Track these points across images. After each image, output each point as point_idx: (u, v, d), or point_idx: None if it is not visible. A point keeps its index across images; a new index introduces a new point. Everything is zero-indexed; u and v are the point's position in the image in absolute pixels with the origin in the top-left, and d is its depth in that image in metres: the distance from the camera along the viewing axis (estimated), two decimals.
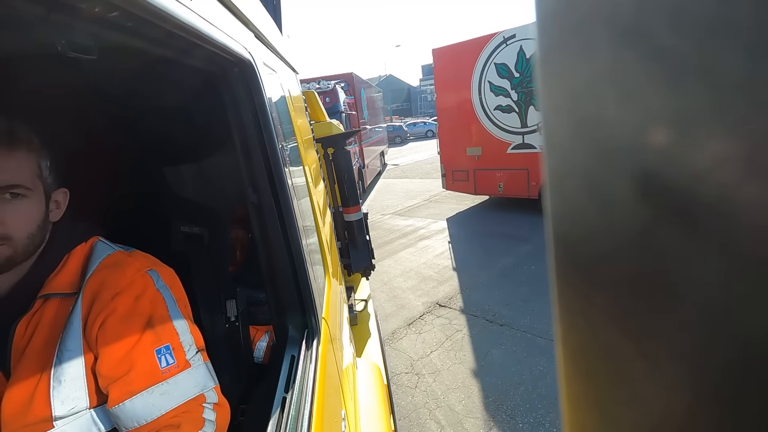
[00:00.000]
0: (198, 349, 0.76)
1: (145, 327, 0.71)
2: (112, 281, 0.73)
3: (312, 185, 1.42)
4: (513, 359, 2.73)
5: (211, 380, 0.75)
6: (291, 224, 0.95)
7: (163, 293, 0.76)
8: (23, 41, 0.63)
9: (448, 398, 2.43)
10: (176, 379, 0.70)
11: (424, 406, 2.40)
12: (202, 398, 0.72)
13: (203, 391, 0.72)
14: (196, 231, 1.32)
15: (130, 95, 1.06)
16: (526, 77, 5.91)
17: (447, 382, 2.60)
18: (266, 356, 1.38)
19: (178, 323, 0.74)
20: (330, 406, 0.97)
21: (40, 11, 0.41)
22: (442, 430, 2.17)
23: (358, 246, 2.36)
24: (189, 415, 0.69)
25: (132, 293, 0.72)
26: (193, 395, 0.71)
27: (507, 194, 6.49)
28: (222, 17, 0.73)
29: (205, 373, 0.75)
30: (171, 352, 0.71)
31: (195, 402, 0.71)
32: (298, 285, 0.98)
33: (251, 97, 0.88)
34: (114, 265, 0.76)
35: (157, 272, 0.78)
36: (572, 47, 0.14)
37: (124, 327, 0.69)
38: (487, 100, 6.32)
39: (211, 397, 0.74)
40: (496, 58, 6.08)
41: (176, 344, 0.72)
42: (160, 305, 0.74)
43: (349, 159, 2.33)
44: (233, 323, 1.27)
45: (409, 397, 2.48)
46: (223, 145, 1.25)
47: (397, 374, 2.74)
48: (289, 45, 1.76)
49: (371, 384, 1.58)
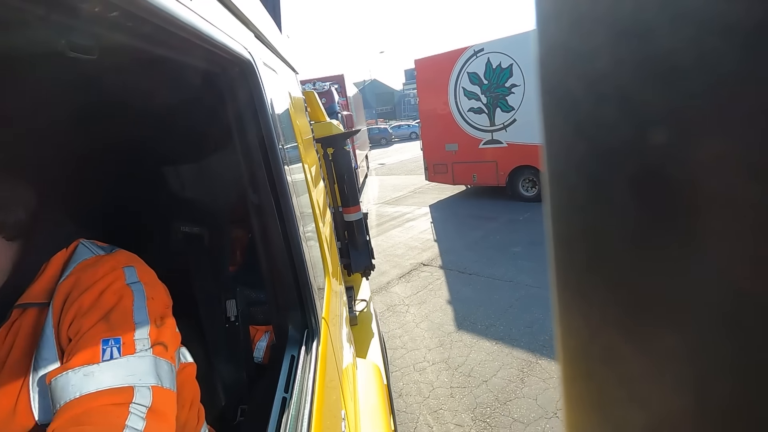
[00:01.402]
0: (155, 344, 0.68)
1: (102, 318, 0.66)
2: (84, 281, 0.70)
3: (312, 185, 1.42)
4: (477, 293, 3.85)
5: (152, 377, 0.64)
6: (291, 224, 0.95)
7: (134, 288, 0.71)
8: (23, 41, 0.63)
9: (430, 317, 3.52)
10: (109, 364, 0.61)
11: (413, 322, 3.48)
12: (128, 394, 0.60)
13: (135, 384, 0.61)
14: (196, 231, 1.32)
15: (130, 95, 1.06)
16: (493, 84, 7.02)
17: (429, 308, 3.68)
18: (266, 356, 1.38)
19: (141, 320, 0.68)
20: (330, 406, 0.97)
21: (40, 11, 0.41)
22: (426, 335, 3.25)
23: (358, 246, 2.36)
24: (104, 418, 0.57)
25: (99, 288, 0.69)
26: (118, 385, 0.60)
27: (480, 183, 7.77)
28: (222, 17, 0.73)
29: (148, 366, 0.64)
30: (120, 347, 0.63)
31: (118, 397, 0.59)
32: (298, 285, 0.98)
33: (251, 97, 0.88)
34: (88, 267, 0.73)
35: (134, 269, 0.75)
36: (572, 47, 0.14)
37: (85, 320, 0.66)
38: (462, 103, 7.48)
39: (144, 397, 0.61)
40: (468, 68, 7.26)
41: (128, 340, 0.65)
42: (125, 299, 0.69)
43: (350, 159, 2.33)
44: (233, 323, 1.27)
45: (402, 318, 3.57)
46: (223, 145, 1.25)
47: (392, 305, 3.81)
48: (289, 45, 1.76)
49: (371, 384, 1.58)
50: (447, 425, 2.26)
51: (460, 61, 7.33)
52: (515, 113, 6.97)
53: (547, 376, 2.56)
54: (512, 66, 6.82)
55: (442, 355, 2.93)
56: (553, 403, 2.29)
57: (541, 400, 2.35)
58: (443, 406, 2.43)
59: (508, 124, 7.08)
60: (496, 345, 2.96)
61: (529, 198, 7.16)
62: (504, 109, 7.06)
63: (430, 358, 2.92)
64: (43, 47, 0.59)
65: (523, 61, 6.67)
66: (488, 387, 2.53)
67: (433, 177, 8.31)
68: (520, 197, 7.25)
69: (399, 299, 3.91)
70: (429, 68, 7.84)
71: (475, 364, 2.77)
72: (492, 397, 2.41)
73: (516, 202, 7.14)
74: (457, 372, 2.72)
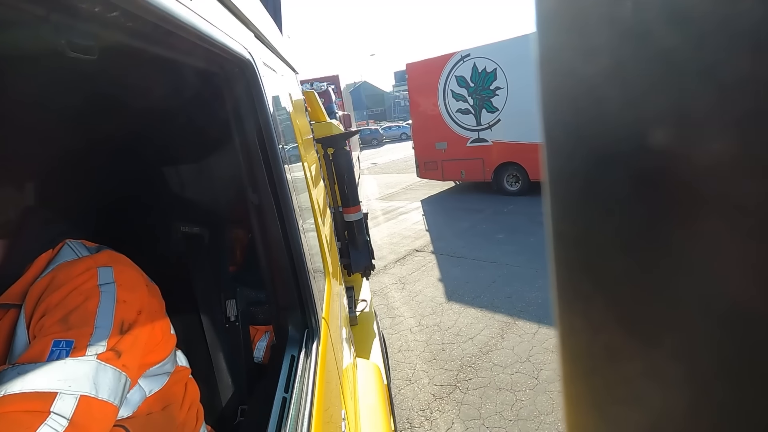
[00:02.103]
0: (109, 349, 0.63)
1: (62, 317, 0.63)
2: (57, 281, 0.69)
3: (312, 185, 1.42)
4: (465, 272, 4.40)
5: (86, 384, 0.59)
6: (291, 224, 0.95)
7: (103, 290, 0.69)
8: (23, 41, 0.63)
9: (424, 292, 4.08)
10: (48, 366, 0.57)
11: (409, 296, 4.04)
12: (47, 401, 0.54)
13: (60, 390, 0.56)
14: (196, 231, 1.32)
15: (129, 95, 1.06)
16: (479, 86, 7.62)
17: (423, 285, 4.24)
18: (266, 356, 1.38)
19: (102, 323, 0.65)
20: (330, 406, 0.97)
21: (40, 11, 0.41)
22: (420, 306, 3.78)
23: (358, 246, 2.36)
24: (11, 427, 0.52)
25: (68, 288, 0.67)
26: (42, 389, 0.55)
27: (468, 179, 8.47)
28: (222, 17, 0.73)
29: (86, 372, 0.59)
30: (69, 349, 0.60)
31: (35, 403, 0.54)
32: (298, 285, 0.98)
33: (251, 97, 0.88)
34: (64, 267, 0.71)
35: (111, 270, 0.72)
36: (572, 47, 0.14)
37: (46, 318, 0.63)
38: (450, 104, 8.11)
39: (65, 406, 0.55)
40: (456, 72, 7.86)
41: (81, 343, 0.61)
42: (90, 300, 0.66)
43: (350, 159, 2.33)
44: (233, 323, 1.27)
45: (399, 293, 4.12)
46: (223, 145, 1.25)
47: (390, 284, 4.36)
48: (289, 45, 1.76)
49: (371, 384, 1.58)
50: (438, 370, 2.79)
51: (448, 65, 7.97)
52: (499, 114, 7.53)
53: (522, 333, 3.09)
54: (496, 70, 7.38)
55: (435, 321, 3.47)
56: (527, 351, 2.85)
57: (516, 350, 2.89)
58: (436, 357, 2.95)
59: (493, 123, 7.67)
60: (480, 311, 3.51)
61: (512, 192, 7.75)
62: (489, 110, 7.64)
63: (424, 323, 3.46)
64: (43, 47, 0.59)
65: (506, 65, 7.21)
66: (473, 342, 3.06)
67: (424, 174, 8.94)
68: (504, 191, 7.86)
69: (396, 278, 4.51)
70: (420, 72, 8.44)
71: (463, 326, 3.31)
72: (476, 349, 2.97)
73: (501, 196, 7.75)
74: (447, 333, 3.25)
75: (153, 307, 0.80)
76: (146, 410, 0.78)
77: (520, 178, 7.59)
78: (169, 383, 0.84)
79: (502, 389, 2.50)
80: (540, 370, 2.64)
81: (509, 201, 7.24)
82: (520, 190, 7.63)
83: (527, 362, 2.72)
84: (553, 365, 2.70)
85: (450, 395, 2.52)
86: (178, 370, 0.89)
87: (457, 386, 2.59)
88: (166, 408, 0.83)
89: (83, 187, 1.14)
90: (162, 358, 0.83)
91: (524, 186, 7.57)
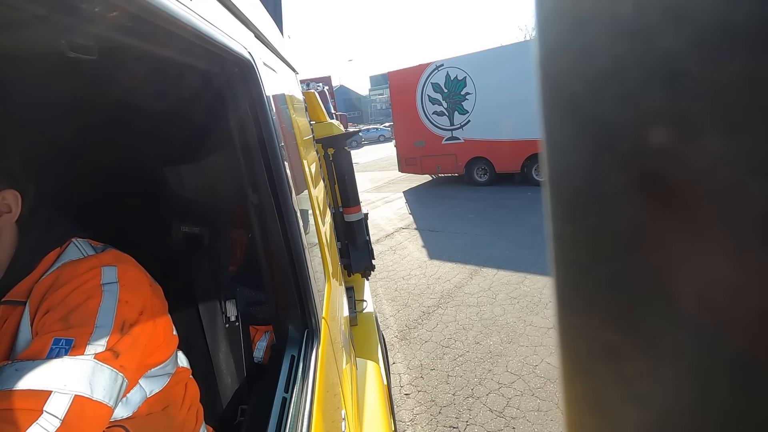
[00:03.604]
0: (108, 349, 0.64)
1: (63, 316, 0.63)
2: (61, 279, 0.69)
3: (312, 185, 1.42)
4: (442, 241, 5.70)
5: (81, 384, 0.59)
6: (291, 224, 0.95)
7: (105, 289, 0.69)
8: (23, 41, 0.63)
9: (411, 255, 5.32)
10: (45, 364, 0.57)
11: (399, 258, 5.27)
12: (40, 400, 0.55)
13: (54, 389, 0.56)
14: (196, 231, 1.32)
15: (129, 95, 1.06)
16: (451, 92, 8.96)
17: (409, 250, 5.51)
18: (266, 356, 1.38)
19: (103, 323, 0.66)
20: (330, 406, 0.97)
21: (40, 11, 0.41)
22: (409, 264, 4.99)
23: (358, 246, 2.36)
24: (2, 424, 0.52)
25: (71, 286, 0.68)
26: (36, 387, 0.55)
27: (443, 172, 9.96)
28: (222, 17, 0.73)
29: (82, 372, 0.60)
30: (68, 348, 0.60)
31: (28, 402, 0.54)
32: (298, 285, 0.98)
33: (251, 96, 0.88)
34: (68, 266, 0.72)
35: (114, 269, 0.73)
36: (572, 47, 0.14)
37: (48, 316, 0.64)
38: (427, 107, 9.41)
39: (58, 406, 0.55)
40: (432, 79, 9.18)
41: (81, 342, 0.62)
42: (92, 300, 0.67)
43: (350, 159, 2.33)
44: (233, 323, 1.27)
45: (391, 257, 5.32)
46: (223, 144, 1.25)
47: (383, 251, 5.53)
48: (289, 45, 1.76)
49: (371, 384, 1.58)
50: (425, 299, 4.04)
51: (425, 73, 9.25)
52: (469, 115, 8.84)
53: (485, 276, 4.35)
54: (466, 78, 8.65)
55: (421, 272, 4.73)
56: (488, 286, 4.09)
57: (481, 285, 4.15)
58: (423, 292, 4.19)
59: (464, 124, 8.97)
60: (455, 264, 4.79)
61: (481, 183, 9.12)
62: (460, 112, 8.93)
63: (413, 273, 4.72)
64: (43, 47, 0.59)
65: (474, 74, 8.52)
66: (450, 282, 4.33)
67: (405, 168, 10.31)
68: (474, 183, 9.20)
69: (388, 247, 5.76)
70: (400, 79, 9.79)
71: (442, 274, 4.58)
72: (452, 286, 4.24)
73: (472, 186, 9.08)
74: (431, 278, 4.52)
75: (156, 308, 0.80)
76: (146, 410, 0.78)
77: (488, 170, 8.99)
78: (169, 384, 0.84)
79: (471, 306, 3.78)
80: (497, 294, 3.91)
81: (478, 190, 8.66)
82: (487, 181, 9.02)
83: (489, 290, 4.02)
84: (506, 292, 3.93)
85: (434, 312, 3.76)
86: (178, 371, 0.89)
87: (438, 306, 3.85)
88: (166, 408, 0.83)
89: (83, 187, 1.14)
90: (164, 359, 0.83)
91: (491, 177, 8.97)
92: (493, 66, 8.12)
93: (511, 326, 3.30)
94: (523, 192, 7.86)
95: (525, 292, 3.86)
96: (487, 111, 8.48)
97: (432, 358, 3.04)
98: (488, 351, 3.01)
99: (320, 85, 7.69)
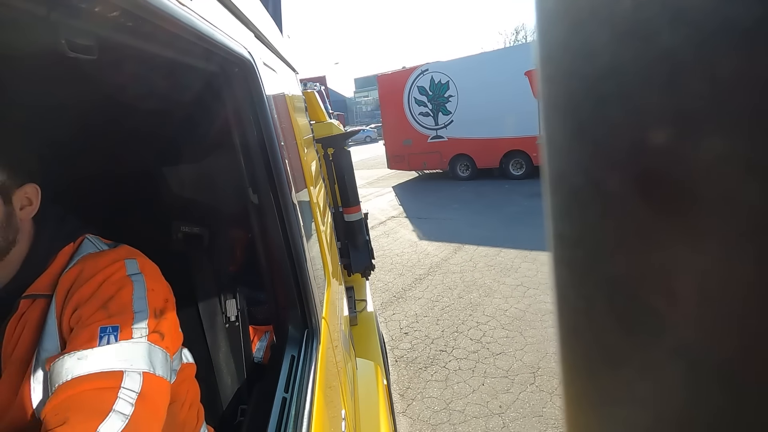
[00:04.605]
0: (153, 332, 0.68)
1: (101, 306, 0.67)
2: (86, 272, 0.72)
3: (312, 185, 1.42)
4: (430, 225, 6.57)
5: (144, 363, 0.64)
6: (291, 224, 0.95)
7: (134, 279, 0.73)
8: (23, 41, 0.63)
9: (403, 237, 6.15)
10: (104, 348, 0.62)
11: (393, 239, 6.09)
12: (117, 379, 0.60)
13: (126, 369, 0.61)
14: (196, 231, 1.32)
15: (129, 95, 1.06)
16: (435, 94, 9.86)
17: (401, 233, 6.33)
18: (266, 356, 1.38)
19: (140, 310, 0.69)
20: (330, 406, 0.97)
21: (40, 11, 0.41)
22: (400, 244, 5.82)
23: (358, 246, 2.36)
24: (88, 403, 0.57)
25: (99, 278, 0.71)
26: (108, 368, 0.60)
27: (429, 169, 10.94)
28: (222, 17, 0.73)
29: (141, 352, 0.65)
30: (117, 334, 0.64)
31: (107, 381, 0.59)
32: (298, 285, 0.98)
33: (251, 96, 0.88)
34: (90, 259, 0.75)
35: (135, 262, 0.76)
36: (572, 47, 0.14)
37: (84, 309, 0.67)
38: (413, 108, 10.31)
39: (133, 382, 0.61)
40: (417, 83, 10.08)
41: (126, 327, 0.66)
42: (125, 289, 0.70)
43: (350, 159, 2.33)
44: (233, 323, 1.27)
45: (385, 239, 6.09)
46: (223, 145, 1.25)
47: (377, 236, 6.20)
48: (289, 45, 1.76)
49: (371, 384, 1.58)
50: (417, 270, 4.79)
51: (411, 77, 10.16)
52: (452, 116, 9.74)
53: (467, 251, 5.18)
54: (449, 82, 9.58)
55: (413, 249, 5.54)
56: (470, 258, 4.93)
57: (464, 257, 4.97)
58: (415, 264, 4.99)
59: (447, 124, 9.89)
60: (441, 243, 5.63)
61: (464, 178, 10.02)
62: (444, 113, 9.84)
63: (405, 251, 5.49)
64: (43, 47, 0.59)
65: (456, 78, 9.45)
66: (437, 257, 5.13)
67: (393, 165, 11.23)
68: (458, 177, 10.08)
69: (382, 232, 6.51)
70: (388, 82, 10.73)
71: (430, 251, 5.39)
72: (439, 259, 5.05)
73: (455, 181, 9.99)
74: (420, 254, 5.33)
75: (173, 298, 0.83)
76: None
77: (470, 166, 9.88)
78: (177, 381, 0.85)
79: (455, 273, 4.57)
80: (477, 263, 4.73)
81: (461, 184, 9.61)
82: (469, 175, 9.94)
83: (470, 261, 4.84)
84: (484, 261, 4.76)
85: (425, 278, 4.55)
86: (183, 368, 0.89)
87: (428, 274, 4.63)
88: (169, 406, 0.84)
89: (83, 187, 1.14)
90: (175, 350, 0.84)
91: (473, 172, 9.87)
92: (474, 71, 9.13)
93: (488, 285, 4.14)
94: (501, 185, 8.83)
95: (499, 261, 4.72)
96: (468, 112, 9.38)
97: (424, 309, 3.83)
98: (469, 302, 3.84)
99: (317, 85, 7.75)
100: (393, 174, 12.01)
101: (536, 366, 2.77)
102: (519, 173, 9.11)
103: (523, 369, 2.76)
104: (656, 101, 0.12)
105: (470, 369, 2.85)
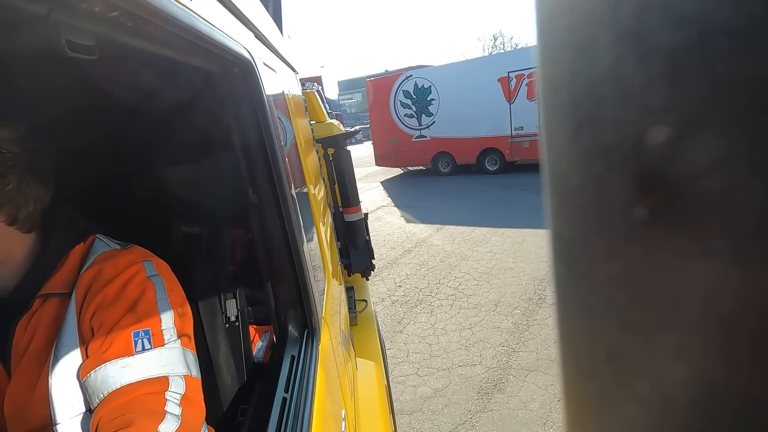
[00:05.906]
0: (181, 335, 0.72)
1: (128, 310, 0.69)
2: (105, 273, 0.73)
3: (312, 185, 1.42)
4: (415, 212, 7.71)
5: (182, 366, 0.69)
6: (291, 224, 0.95)
7: (155, 281, 0.75)
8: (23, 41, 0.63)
9: (392, 222, 7.32)
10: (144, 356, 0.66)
11: (384, 223, 7.25)
12: (164, 383, 0.65)
13: (169, 374, 0.66)
14: (196, 231, 1.31)
15: (129, 95, 1.06)
16: (419, 98, 11.16)
17: (391, 219, 7.55)
18: (266, 356, 1.38)
19: (165, 311, 0.72)
20: (330, 406, 0.97)
21: (40, 11, 0.41)
22: (390, 227, 7.02)
23: (358, 246, 2.36)
24: (146, 406, 0.62)
25: (121, 280, 0.72)
26: (154, 375, 0.65)
27: (414, 165, 12.20)
28: (222, 17, 0.73)
29: (178, 357, 0.69)
30: (150, 338, 0.68)
31: (155, 386, 0.64)
32: (298, 285, 0.98)
33: (251, 96, 0.88)
34: (107, 259, 0.76)
35: (152, 263, 0.78)
36: (572, 47, 0.14)
37: (110, 312, 0.69)
38: (399, 110, 11.59)
39: (178, 385, 0.67)
40: (402, 87, 11.36)
41: (157, 330, 0.69)
42: (148, 292, 0.73)
43: (350, 159, 2.33)
44: (233, 323, 1.27)
45: (377, 224, 7.00)
46: (223, 145, 1.25)
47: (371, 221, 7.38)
48: (289, 45, 1.76)
49: (371, 384, 1.58)
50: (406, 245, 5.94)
51: (397, 82, 11.44)
52: (434, 117, 11.02)
53: (448, 230, 6.34)
54: (431, 87, 10.83)
55: (401, 230, 6.69)
56: (450, 236, 6.08)
57: (445, 236, 6.13)
58: (404, 242, 6.09)
59: (430, 124, 11.18)
60: (425, 225, 6.84)
61: (445, 173, 11.31)
62: (427, 115, 11.14)
63: (394, 232, 6.62)
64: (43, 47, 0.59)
65: (437, 83, 10.72)
66: (421, 236, 6.24)
67: (381, 162, 12.47)
68: (440, 173, 11.38)
69: (374, 218, 7.30)
70: (376, 86, 12.09)
71: (416, 231, 6.55)
72: (423, 236, 6.19)
73: (438, 176, 11.32)
74: (408, 234, 6.48)
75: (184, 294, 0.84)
76: None
77: (450, 163, 11.15)
78: None
79: (437, 246, 5.72)
80: (455, 239, 5.89)
81: (443, 178, 11.00)
82: (450, 171, 11.21)
83: (449, 237, 6.01)
84: (461, 237, 5.93)
85: (412, 250, 5.68)
86: None
87: (415, 248, 5.75)
88: None
89: (83, 188, 1.14)
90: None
91: (453, 168, 11.14)
92: (454, 77, 10.36)
93: (464, 253, 5.31)
94: (477, 179, 10.18)
95: (474, 236, 5.90)
96: (448, 114, 10.61)
97: (413, 270, 5.02)
98: (449, 265, 5.03)
99: (315, 85, 7.78)
100: (381, 170, 13.25)
101: (498, 301, 3.94)
102: (494, 168, 10.50)
103: (488, 303, 3.94)
104: (656, 102, 0.12)
105: (449, 305, 4.04)
